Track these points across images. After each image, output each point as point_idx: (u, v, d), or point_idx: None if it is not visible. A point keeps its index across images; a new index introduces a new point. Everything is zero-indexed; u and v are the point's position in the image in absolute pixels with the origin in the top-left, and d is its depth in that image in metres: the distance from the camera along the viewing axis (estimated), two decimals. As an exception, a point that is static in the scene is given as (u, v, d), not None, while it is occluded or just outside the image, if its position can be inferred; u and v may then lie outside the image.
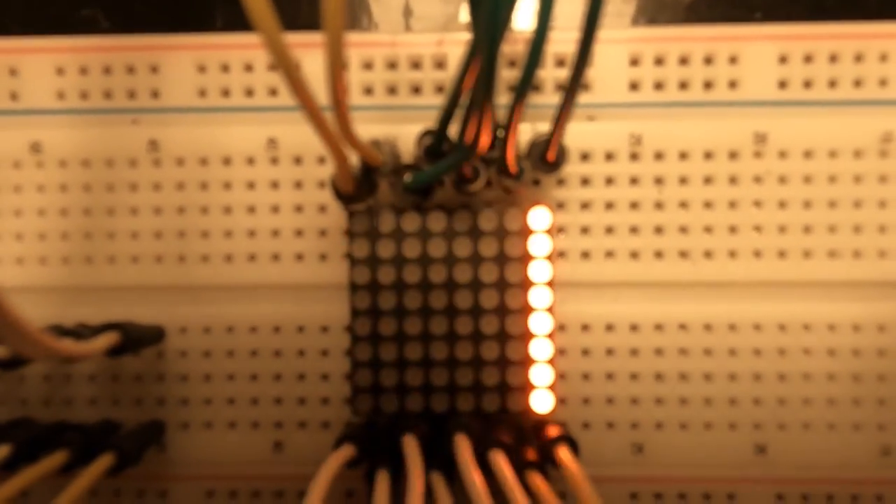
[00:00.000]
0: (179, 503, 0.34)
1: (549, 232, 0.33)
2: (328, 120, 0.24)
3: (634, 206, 0.33)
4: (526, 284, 0.32)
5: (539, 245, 0.32)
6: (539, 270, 0.32)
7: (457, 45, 0.34)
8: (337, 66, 0.21)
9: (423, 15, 0.38)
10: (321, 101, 0.23)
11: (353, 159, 0.29)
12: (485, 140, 0.25)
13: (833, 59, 0.33)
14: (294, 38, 0.22)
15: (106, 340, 0.29)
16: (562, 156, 0.31)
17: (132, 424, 0.34)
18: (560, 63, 0.34)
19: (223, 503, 0.34)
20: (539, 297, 0.32)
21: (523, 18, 0.34)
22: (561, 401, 0.34)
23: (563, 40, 0.33)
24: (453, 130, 0.28)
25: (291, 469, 0.34)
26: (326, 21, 0.20)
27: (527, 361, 0.32)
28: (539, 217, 0.32)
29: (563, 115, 0.27)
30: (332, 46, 0.20)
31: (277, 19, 0.19)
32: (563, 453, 0.29)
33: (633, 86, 0.34)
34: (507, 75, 0.33)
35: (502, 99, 0.32)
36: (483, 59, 0.21)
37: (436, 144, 0.30)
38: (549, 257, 0.32)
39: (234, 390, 0.34)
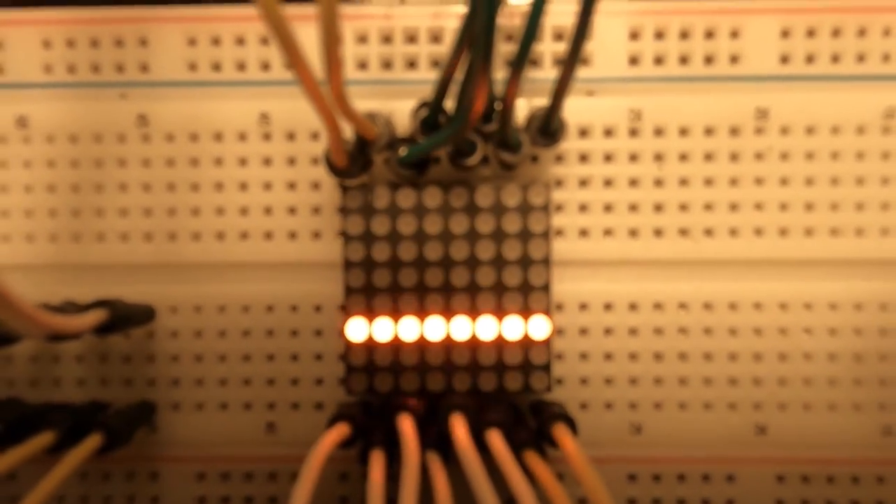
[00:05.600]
0: (170, 485, 0.34)
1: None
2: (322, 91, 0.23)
3: (634, 182, 0.33)
4: (525, 261, 0.31)
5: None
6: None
7: (453, 17, 0.33)
8: (331, 30, 0.21)
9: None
10: (316, 74, 0.22)
11: (348, 132, 0.29)
12: (481, 106, 0.24)
13: (836, 33, 0.33)
14: (289, 11, 0.22)
15: (94, 317, 0.28)
16: (560, 129, 0.30)
17: (121, 405, 0.33)
18: (558, 37, 0.33)
19: (215, 485, 0.34)
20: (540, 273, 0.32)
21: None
22: (558, 381, 0.33)
23: (562, 12, 0.32)
24: (450, 103, 0.28)
25: (284, 450, 0.34)
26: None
27: (525, 341, 0.31)
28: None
29: (563, 79, 0.26)
30: (327, 7, 0.20)
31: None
32: (561, 432, 0.29)
33: (633, 60, 0.33)
34: (505, 50, 0.32)
35: (500, 74, 0.31)
36: (481, 20, 0.21)
37: (432, 116, 0.29)
38: (546, 234, 0.32)
39: (226, 371, 0.33)
